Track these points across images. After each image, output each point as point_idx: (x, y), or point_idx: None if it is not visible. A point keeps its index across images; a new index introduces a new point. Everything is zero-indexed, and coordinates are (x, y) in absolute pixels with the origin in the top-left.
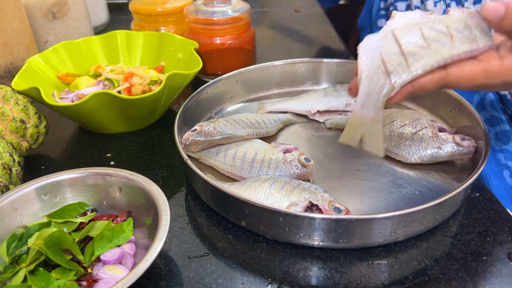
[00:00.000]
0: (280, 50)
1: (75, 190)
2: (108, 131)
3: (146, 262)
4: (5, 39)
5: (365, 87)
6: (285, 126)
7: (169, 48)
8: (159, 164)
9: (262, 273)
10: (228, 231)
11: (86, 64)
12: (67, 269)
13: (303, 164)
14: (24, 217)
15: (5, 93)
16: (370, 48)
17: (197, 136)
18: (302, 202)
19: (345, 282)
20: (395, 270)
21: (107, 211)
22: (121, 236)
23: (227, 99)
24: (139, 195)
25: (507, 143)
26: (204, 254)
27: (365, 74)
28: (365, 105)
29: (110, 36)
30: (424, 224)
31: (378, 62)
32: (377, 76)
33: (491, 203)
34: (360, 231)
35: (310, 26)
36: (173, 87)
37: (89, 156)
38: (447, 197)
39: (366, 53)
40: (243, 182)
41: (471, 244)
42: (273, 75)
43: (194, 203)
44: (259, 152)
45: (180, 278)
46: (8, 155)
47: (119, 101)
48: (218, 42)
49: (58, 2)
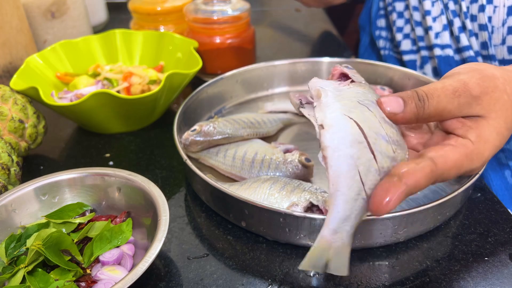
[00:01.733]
0: (280, 49)
1: (74, 191)
2: (107, 131)
3: (145, 263)
4: (4, 39)
5: (342, 212)
6: (285, 126)
7: (168, 48)
8: (159, 164)
9: (262, 274)
10: (228, 231)
11: (85, 64)
12: (66, 270)
13: (303, 164)
14: (23, 218)
15: (4, 93)
16: (340, 153)
17: (197, 136)
18: (302, 202)
19: (346, 283)
20: (396, 271)
21: (106, 211)
22: (120, 237)
23: (227, 99)
24: (138, 195)
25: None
26: (204, 255)
27: (343, 197)
28: (338, 231)
29: (109, 36)
30: (425, 225)
31: (358, 183)
32: (359, 202)
33: (493, 203)
34: (361, 232)
35: (310, 26)
36: (172, 87)
37: (88, 156)
38: (448, 198)
39: (336, 161)
40: (243, 183)
41: (472, 245)
42: (273, 75)
43: (194, 204)
44: (259, 152)
45: (180, 279)
46: (7, 155)
47: (118, 101)
48: (218, 42)
49: (57, 1)
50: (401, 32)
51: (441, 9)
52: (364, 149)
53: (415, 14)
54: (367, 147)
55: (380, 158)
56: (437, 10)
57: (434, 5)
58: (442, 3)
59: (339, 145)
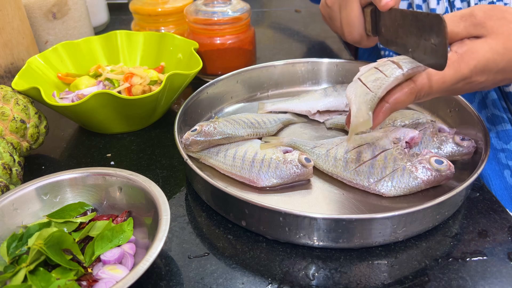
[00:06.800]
0: (280, 50)
1: (75, 190)
2: (108, 131)
3: (146, 262)
4: (5, 39)
5: (355, 105)
6: (285, 126)
7: (169, 48)
8: (159, 164)
9: (262, 273)
10: (228, 231)
11: (86, 64)
12: (67, 269)
13: (303, 164)
14: (24, 217)
15: (6, 93)
16: (352, 87)
17: (197, 136)
18: None
19: (345, 282)
20: (395, 270)
21: (107, 211)
22: (121, 236)
23: (227, 99)
24: (139, 195)
25: (508, 143)
26: (204, 254)
27: (353, 98)
28: (357, 116)
29: (110, 36)
30: (424, 224)
31: (361, 88)
32: (363, 95)
33: (491, 203)
34: (360, 231)
35: (310, 26)
36: (173, 87)
37: (89, 156)
38: (447, 197)
39: (350, 90)
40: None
41: (471, 244)
42: (273, 75)
43: (194, 203)
44: (259, 152)
45: (180, 278)
46: (8, 155)
47: (119, 101)
48: (218, 42)
49: (58, 2)
50: None
51: (445, 7)
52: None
53: None
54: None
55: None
56: (442, 8)
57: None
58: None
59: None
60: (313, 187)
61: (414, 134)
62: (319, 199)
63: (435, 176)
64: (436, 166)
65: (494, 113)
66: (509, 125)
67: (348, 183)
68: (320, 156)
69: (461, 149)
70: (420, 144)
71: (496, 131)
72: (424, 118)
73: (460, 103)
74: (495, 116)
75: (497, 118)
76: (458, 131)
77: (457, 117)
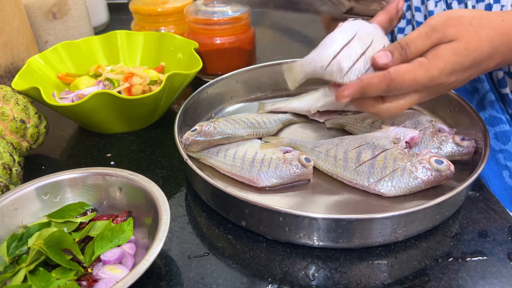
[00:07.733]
0: (280, 50)
1: (75, 190)
2: (108, 131)
3: (146, 262)
4: (5, 39)
5: (318, 56)
6: (285, 126)
7: (169, 48)
8: (159, 164)
9: (262, 273)
10: (228, 231)
11: (86, 64)
12: (67, 269)
13: (303, 164)
14: (24, 217)
15: (5, 93)
16: (345, 29)
17: (197, 136)
18: None
19: (345, 282)
20: (395, 270)
21: (107, 211)
22: (121, 236)
23: (227, 99)
24: (139, 195)
25: (507, 143)
26: (204, 254)
27: (325, 49)
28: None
29: (110, 36)
30: (424, 224)
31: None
32: (325, 60)
33: (491, 203)
34: (360, 231)
35: (310, 26)
36: (173, 87)
37: (89, 156)
38: (447, 197)
39: (341, 32)
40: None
41: (471, 244)
42: (273, 75)
43: (194, 203)
44: (259, 152)
45: (180, 278)
46: (8, 155)
47: (119, 101)
48: (218, 42)
49: (58, 2)
50: (403, 33)
51: (443, 9)
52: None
53: (417, 14)
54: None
55: None
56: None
57: (438, 5)
58: (445, 3)
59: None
60: (313, 187)
61: (414, 134)
62: (319, 199)
63: (435, 176)
64: (436, 166)
65: (492, 114)
66: (507, 126)
67: (348, 183)
68: (320, 156)
69: (461, 149)
70: (420, 144)
71: (494, 132)
72: (424, 118)
73: (460, 103)
74: (493, 117)
75: (495, 119)
76: (458, 131)
77: (457, 117)
